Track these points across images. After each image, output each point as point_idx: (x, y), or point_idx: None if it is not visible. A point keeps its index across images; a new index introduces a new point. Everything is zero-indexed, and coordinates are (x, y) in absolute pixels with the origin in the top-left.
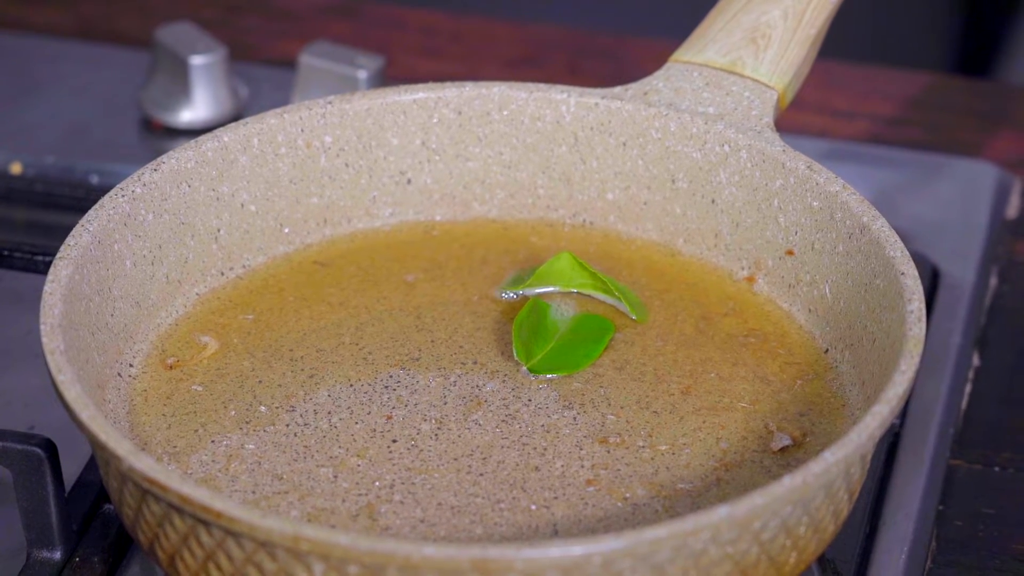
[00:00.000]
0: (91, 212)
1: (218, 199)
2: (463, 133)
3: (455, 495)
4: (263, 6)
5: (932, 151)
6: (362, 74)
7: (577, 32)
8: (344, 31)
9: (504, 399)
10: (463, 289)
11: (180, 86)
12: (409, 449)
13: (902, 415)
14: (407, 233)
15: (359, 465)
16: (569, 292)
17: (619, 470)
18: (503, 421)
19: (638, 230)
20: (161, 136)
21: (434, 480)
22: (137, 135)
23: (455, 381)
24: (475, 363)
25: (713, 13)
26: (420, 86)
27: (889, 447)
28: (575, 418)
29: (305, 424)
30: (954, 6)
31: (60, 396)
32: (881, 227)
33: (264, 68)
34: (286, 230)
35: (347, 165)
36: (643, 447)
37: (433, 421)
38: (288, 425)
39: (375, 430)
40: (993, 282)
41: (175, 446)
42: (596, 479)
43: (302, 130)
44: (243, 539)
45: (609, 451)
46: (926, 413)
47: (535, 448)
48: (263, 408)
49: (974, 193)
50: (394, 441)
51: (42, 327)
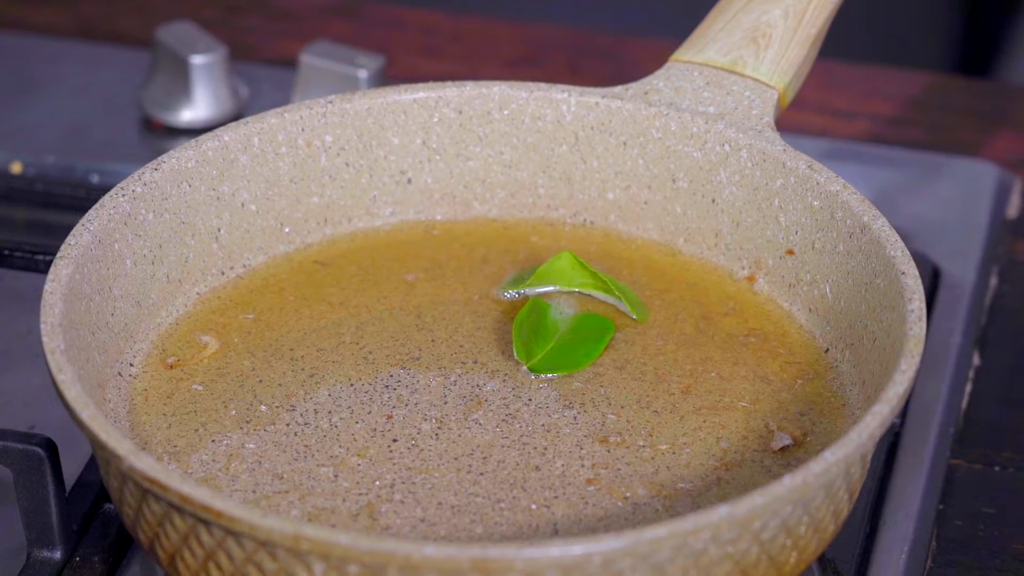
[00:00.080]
0: (91, 211)
1: (219, 198)
2: (464, 132)
3: (455, 494)
4: (263, 6)
5: (932, 151)
6: (362, 74)
7: (577, 32)
8: (344, 31)
9: (504, 398)
10: (463, 288)
11: (180, 86)
12: (409, 448)
13: (902, 415)
14: (407, 232)
15: (359, 464)
16: (569, 292)
17: (619, 469)
18: (503, 420)
19: (638, 229)
20: (161, 136)
21: (434, 479)
22: (137, 135)
23: (455, 380)
24: (475, 362)
25: (713, 13)
26: (420, 85)
27: (889, 447)
28: (575, 417)
29: (305, 423)
30: (954, 6)
31: (60, 395)
32: (881, 227)
33: (264, 68)
34: (287, 229)
35: (348, 164)
36: (643, 446)
37: (433, 420)
38: (288, 424)
39: (375, 429)
40: (993, 282)
41: (175, 445)
42: (596, 478)
43: (303, 129)
44: (243, 539)
45: (609, 450)
46: (926, 413)
47: (535, 447)
48: (263, 407)
49: (974, 193)
50: (394, 440)
51: (42, 326)
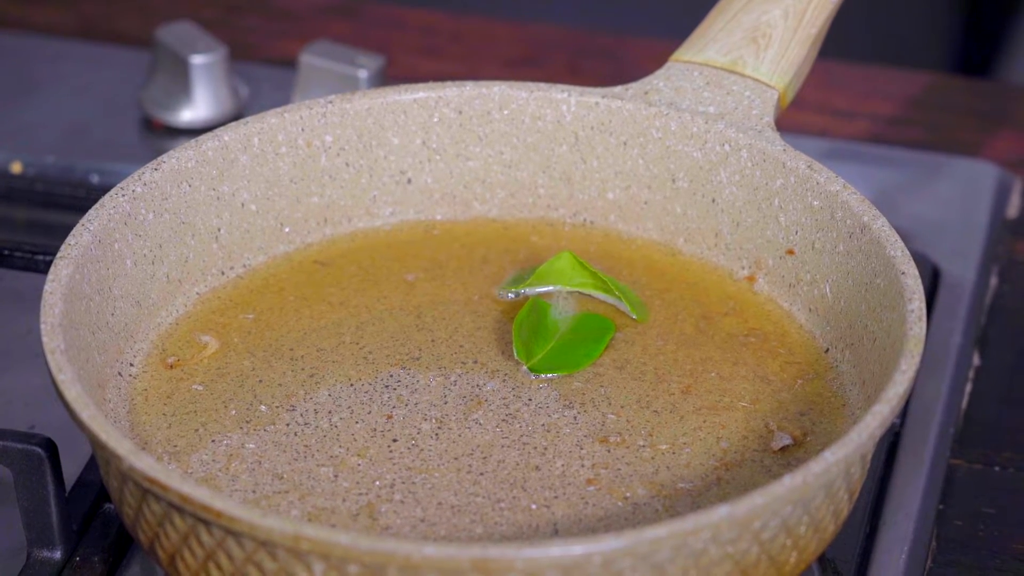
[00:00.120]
0: (91, 211)
1: (218, 198)
2: (464, 132)
3: (455, 494)
4: (263, 6)
5: (932, 151)
6: (362, 74)
7: (577, 32)
8: (344, 31)
9: (504, 398)
10: (463, 288)
11: (180, 86)
12: (409, 448)
13: (902, 415)
14: (407, 232)
15: (359, 464)
16: (569, 291)
17: (619, 469)
18: (503, 420)
19: (638, 229)
20: (161, 135)
21: (434, 479)
22: (137, 135)
23: (455, 380)
24: (475, 362)
25: (713, 13)
26: (420, 85)
27: (889, 447)
28: (575, 417)
29: (305, 423)
30: (954, 6)
31: (60, 395)
32: (881, 226)
33: (264, 68)
34: (286, 229)
35: (348, 164)
36: (643, 446)
37: (433, 420)
38: (288, 424)
39: (375, 429)
40: (993, 282)
41: (175, 445)
42: (596, 478)
43: (303, 129)
44: (243, 538)
45: (609, 450)
46: (926, 413)
47: (535, 447)
48: (263, 407)
49: (974, 193)
50: (394, 440)
51: (42, 326)
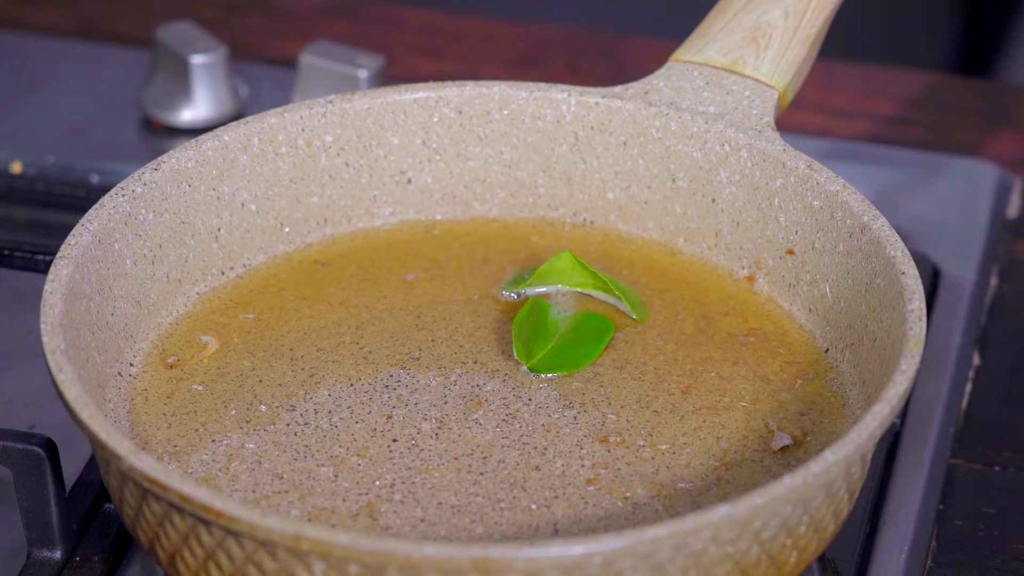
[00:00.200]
0: (91, 211)
1: (218, 198)
2: (464, 132)
3: (455, 494)
4: (263, 6)
5: (932, 151)
6: (362, 73)
7: (577, 32)
8: (344, 31)
9: (504, 398)
10: (463, 288)
11: (180, 85)
12: (409, 448)
13: (902, 414)
14: (408, 232)
15: (359, 464)
16: (570, 291)
17: (619, 469)
18: (503, 420)
19: (638, 229)
20: (161, 135)
21: (434, 479)
22: (137, 134)
23: (455, 380)
24: (475, 362)
25: (714, 12)
26: (420, 85)
27: (889, 446)
28: (575, 417)
29: (305, 423)
30: (954, 6)
31: (60, 395)
32: (881, 226)
33: (264, 67)
34: (286, 229)
35: (347, 164)
36: (643, 446)
37: (433, 420)
38: (288, 424)
39: (375, 429)
40: (993, 281)
41: (175, 445)
42: (596, 478)
43: (303, 129)
44: (243, 538)
45: (609, 450)
46: (926, 412)
47: (535, 447)
48: (263, 407)
49: (974, 192)
50: (394, 440)
51: (42, 326)
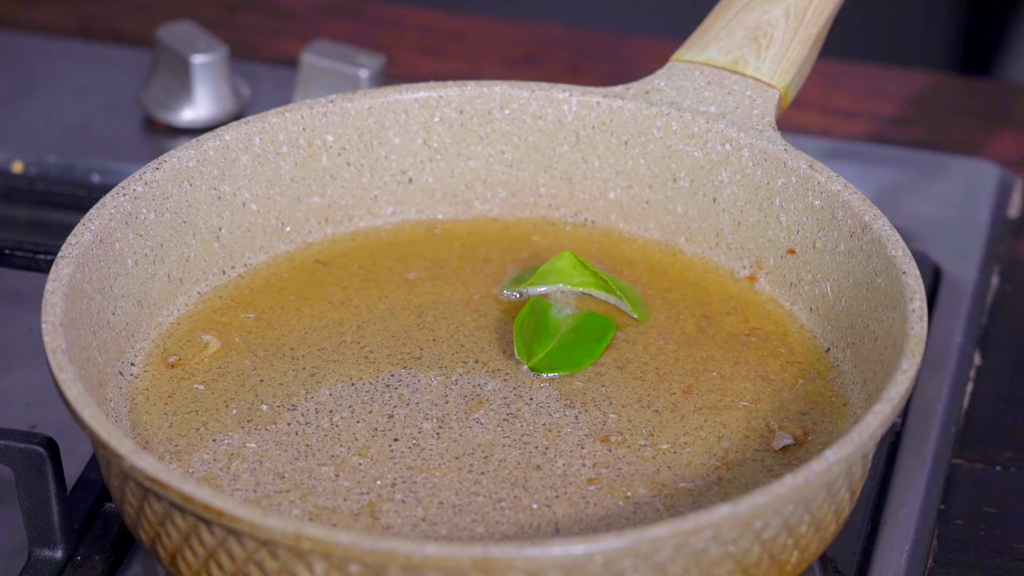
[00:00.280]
0: (92, 211)
1: (220, 198)
2: (465, 132)
3: (456, 494)
4: (264, 5)
5: (933, 150)
6: (363, 73)
7: (578, 31)
8: (345, 30)
9: (505, 398)
10: (465, 288)
11: (181, 85)
12: (411, 448)
13: (903, 414)
14: (409, 232)
15: (360, 464)
16: (571, 291)
17: (620, 469)
18: (504, 420)
19: (640, 229)
20: (162, 135)
21: (435, 479)
22: (138, 134)
23: (456, 380)
24: (476, 362)
25: (715, 12)
26: (421, 85)
27: (890, 446)
28: (576, 417)
29: (307, 423)
30: (954, 6)
31: (62, 395)
32: (882, 226)
33: (265, 67)
34: (288, 229)
35: (349, 164)
36: (644, 446)
37: (435, 420)
38: (290, 424)
39: (376, 429)
40: (994, 281)
41: (176, 445)
42: (597, 478)
43: (304, 129)
44: (244, 538)
45: (610, 450)
46: (927, 412)
47: (536, 447)
48: (264, 407)
49: (975, 192)
50: (396, 440)
51: (43, 326)
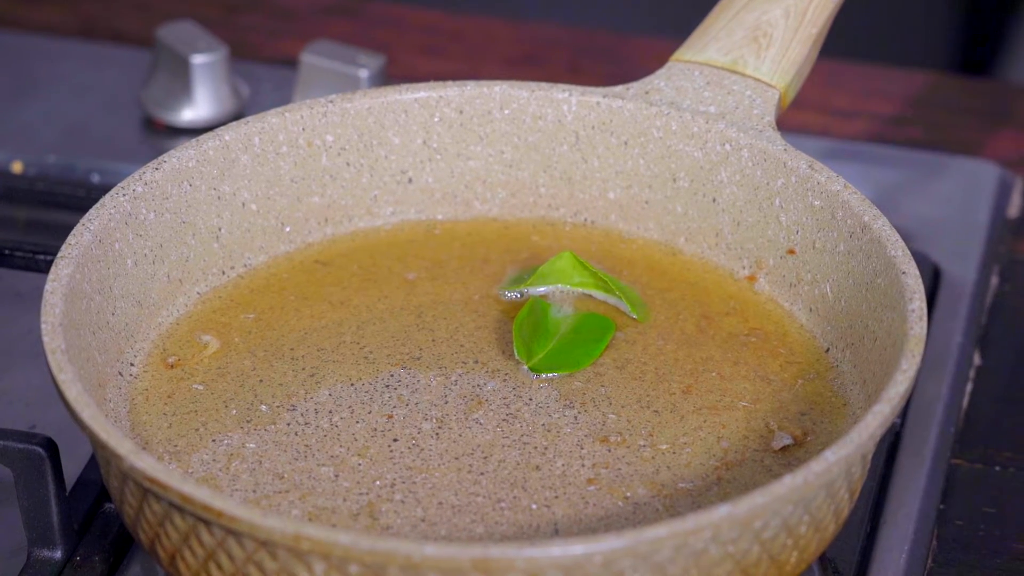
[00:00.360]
0: (92, 211)
1: (219, 198)
2: (464, 132)
3: (456, 494)
4: (264, 5)
5: (933, 150)
6: (363, 73)
7: (578, 31)
8: (345, 30)
9: (505, 398)
10: (464, 288)
11: (181, 85)
12: (410, 448)
13: (903, 414)
14: (408, 232)
15: (360, 464)
16: (570, 291)
17: (620, 469)
18: (504, 420)
19: (639, 229)
20: (162, 135)
21: (435, 479)
22: (138, 134)
23: (456, 380)
24: (476, 362)
25: (714, 12)
26: (421, 85)
27: (890, 446)
28: (576, 417)
29: (306, 423)
30: (954, 6)
31: (61, 395)
32: (882, 226)
33: (265, 67)
34: (287, 229)
35: (348, 164)
36: (644, 446)
37: (434, 420)
38: (289, 424)
39: (376, 429)
40: (994, 281)
41: (176, 445)
42: (597, 478)
43: (303, 129)
44: (244, 538)
45: (610, 450)
46: (927, 412)
47: (536, 447)
48: (264, 407)
49: (975, 192)
50: (395, 440)
51: (43, 326)
